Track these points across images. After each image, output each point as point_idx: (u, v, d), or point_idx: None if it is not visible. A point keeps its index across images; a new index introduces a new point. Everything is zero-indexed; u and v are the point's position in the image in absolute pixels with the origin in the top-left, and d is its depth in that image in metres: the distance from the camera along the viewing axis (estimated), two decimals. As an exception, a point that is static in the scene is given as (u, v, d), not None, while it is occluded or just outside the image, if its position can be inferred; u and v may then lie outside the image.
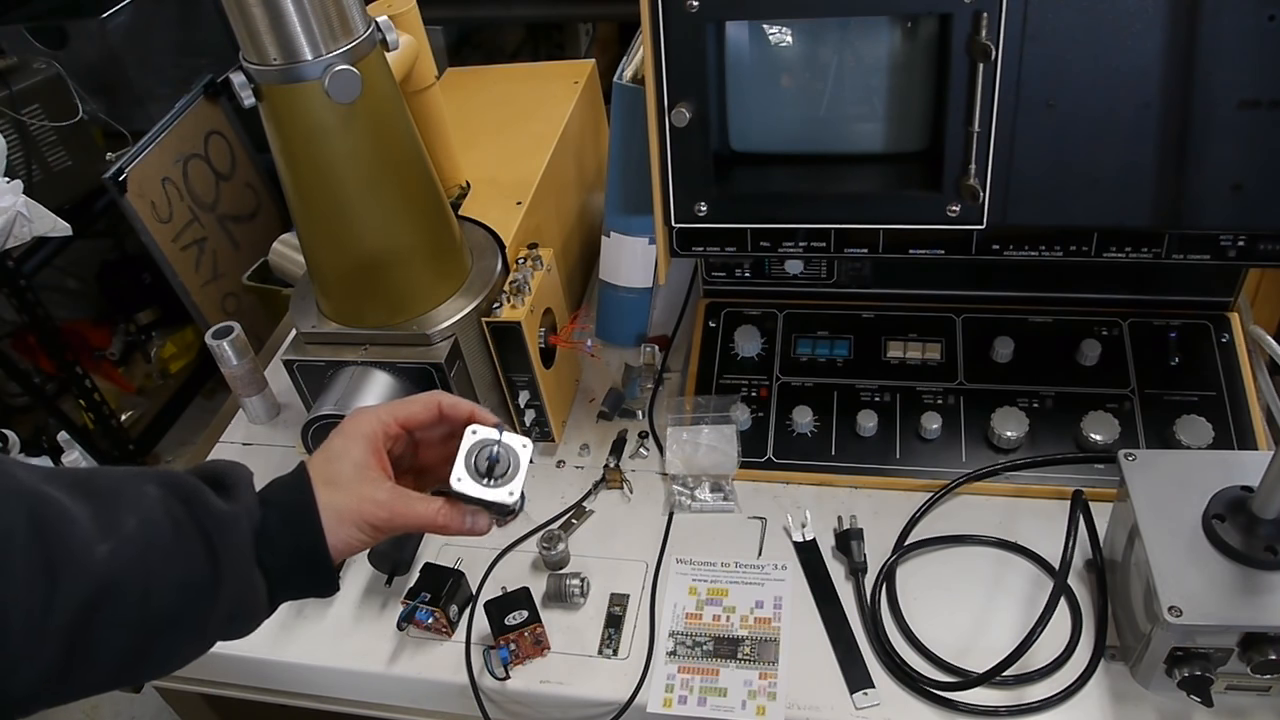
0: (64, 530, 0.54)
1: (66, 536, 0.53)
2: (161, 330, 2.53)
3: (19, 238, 1.62)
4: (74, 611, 0.53)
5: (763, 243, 0.93)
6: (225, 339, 1.12)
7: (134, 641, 0.56)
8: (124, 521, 0.56)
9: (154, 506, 0.58)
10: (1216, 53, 0.74)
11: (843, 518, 0.95)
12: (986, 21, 0.75)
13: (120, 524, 0.56)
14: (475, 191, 1.12)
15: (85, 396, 2.08)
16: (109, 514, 0.56)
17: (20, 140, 1.88)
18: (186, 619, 0.58)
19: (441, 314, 0.96)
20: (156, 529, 0.57)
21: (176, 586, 0.57)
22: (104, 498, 0.57)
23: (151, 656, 0.59)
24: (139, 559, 0.56)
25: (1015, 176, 0.82)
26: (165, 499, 0.59)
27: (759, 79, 0.87)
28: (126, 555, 0.55)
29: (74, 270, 2.45)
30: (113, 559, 0.55)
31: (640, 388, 1.12)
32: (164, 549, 0.57)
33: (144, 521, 0.57)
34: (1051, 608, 0.80)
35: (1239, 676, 0.73)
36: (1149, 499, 0.77)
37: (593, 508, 1.01)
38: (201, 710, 1.12)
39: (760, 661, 0.85)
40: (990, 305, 1.06)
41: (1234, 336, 1.00)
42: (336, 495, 0.64)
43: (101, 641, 0.55)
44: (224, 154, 2.02)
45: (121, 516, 0.56)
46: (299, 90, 0.80)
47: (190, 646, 0.61)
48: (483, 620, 0.88)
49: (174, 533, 0.58)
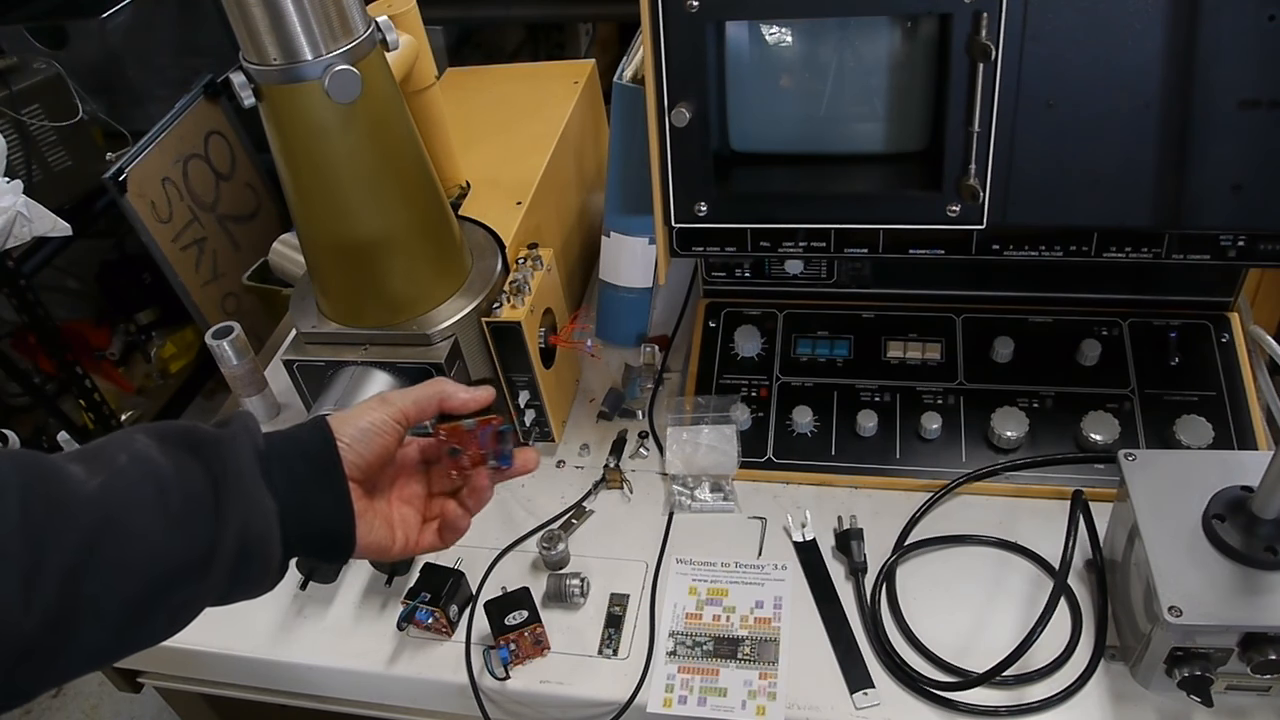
0: (55, 474, 0.52)
1: (58, 480, 0.52)
2: (161, 330, 2.53)
3: (19, 238, 1.62)
4: (70, 552, 0.50)
5: (763, 243, 0.93)
6: (225, 339, 1.12)
7: (136, 585, 0.53)
8: (115, 459, 0.54)
9: (146, 444, 0.56)
10: (1216, 53, 0.74)
11: (843, 518, 0.95)
12: (986, 21, 0.75)
13: (111, 461, 0.54)
14: (475, 191, 1.12)
15: (85, 396, 2.08)
16: (99, 458, 0.55)
17: (20, 140, 1.87)
18: (190, 552, 0.55)
19: (441, 314, 0.96)
20: (149, 462, 0.55)
21: (178, 515, 0.55)
22: (93, 450, 0.56)
23: (158, 603, 0.55)
24: (133, 490, 0.53)
25: (1015, 176, 0.82)
26: (157, 437, 0.57)
27: (759, 79, 0.87)
28: (120, 487, 0.53)
29: (74, 270, 2.45)
30: (105, 491, 0.52)
31: (640, 388, 1.12)
32: (158, 476, 0.55)
33: (135, 456, 0.55)
34: (1051, 608, 0.80)
35: (1239, 676, 0.73)
36: (1149, 499, 0.77)
37: (593, 508, 1.01)
38: (201, 710, 1.12)
39: (760, 661, 0.85)
40: (990, 305, 1.06)
41: (1234, 336, 1.00)
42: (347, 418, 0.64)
43: (101, 583, 0.52)
44: (224, 154, 2.02)
45: (112, 456, 0.55)
46: (299, 90, 0.80)
47: (199, 589, 0.56)
48: (483, 620, 0.88)
49: (167, 460, 0.56)
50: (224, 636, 0.94)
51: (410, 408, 0.68)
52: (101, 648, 0.54)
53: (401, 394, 0.68)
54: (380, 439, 0.65)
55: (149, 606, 0.54)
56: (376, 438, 0.65)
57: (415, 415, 0.68)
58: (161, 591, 0.54)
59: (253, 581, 0.60)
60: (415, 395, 0.68)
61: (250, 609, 0.94)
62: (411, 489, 0.72)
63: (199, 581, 0.56)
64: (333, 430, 0.64)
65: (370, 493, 0.68)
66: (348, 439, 0.64)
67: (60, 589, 0.50)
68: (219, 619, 0.94)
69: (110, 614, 0.53)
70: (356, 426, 0.65)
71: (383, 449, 0.66)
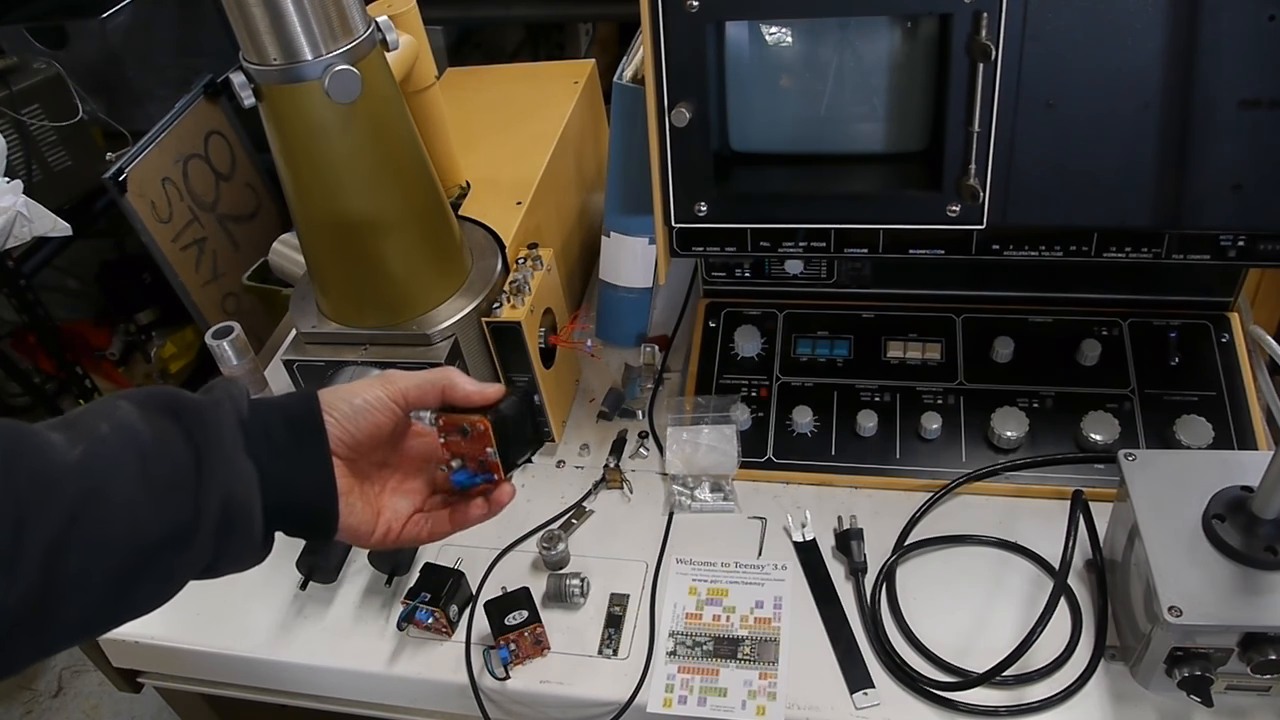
0: (36, 444, 0.51)
1: (39, 450, 0.51)
2: (161, 330, 2.52)
3: (19, 238, 1.62)
4: (52, 525, 0.49)
5: (763, 243, 0.93)
6: (225, 339, 1.11)
7: (120, 557, 0.52)
8: (97, 428, 0.54)
9: (128, 411, 0.55)
10: (1216, 53, 0.74)
11: (843, 518, 0.95)
12: (986, 21, 0.75)
13: (93, 430, 0.53)
14: (475, 191, 1.12)
15: (85, 396, 2.08)
16: (80, 426, 0.54)
17: (20, 140, 1.88)
18: (174, 522, 0.54)
19: (441, 314, 0.96)
20: (131, 429, 0.54)
21: (160, 485, 0.54)
22: (74, 417, 0.55)
23: (142, 574, 0.54)
24: (116, 460, 0.53)
25: (1015, 176, 0.82)
26: (139, 404, 0.56)
27: (759, 79, 0.87)
28: (103, 455, 0.52)
29: (74, 270, 2.45)
30: (88, 460, 0.52)
31: (640, 388, 1.12)
32: (140, 444, 0.54)
33: (117, 425, 0.54)
34: (1051, 608, 0.80)
35: (1239, 676, 0.73)
36: (1149, 499, 0.77)
37: (593, 508, 1.01)
38: (201, 710, 1.12)
39: (760, 661, 0.85)
40: (990, 305, 1.06)
41: (1234, 336, 1.00)
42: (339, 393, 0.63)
43: (85, 556, 0.51)
44: (224, 154, 2.02)
45: (94, 424, 0.54)
46: (299, 90, 0.80)
47: (185, 558, 0.56)
48: (483, 620, 0.88)
49: (149, 427, 0.55)
50: (224, 636, 0.94)
51: (412, 389, 0.66)
52: (86, 620, 0.53)
53: (405, 375, 0.67)
54: (372, 416, 0.64)
55: (133, 578, 0.54)
56: (368, 415, 0.64)
57: (415, 398, 0.66)
58: (146, 562, 0.54)
59: (236, 552, 0.59)
60: (419, 379, 0.67)
61: (250, 609, 0.95)
62: (411, 484, 0.71)
63: (184, 551, 0.55)
64: (322, 403, 0.63)
65: (360, 474, 0.66)
66: (338, 414, 0.63)
67: (43, 562, 0.49)
68: (219, 619, 0.95)
69: (95, 587, 0.52)
70: (349, 403, 0.63)
71: (374, 428, 0.64)
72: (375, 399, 0.64)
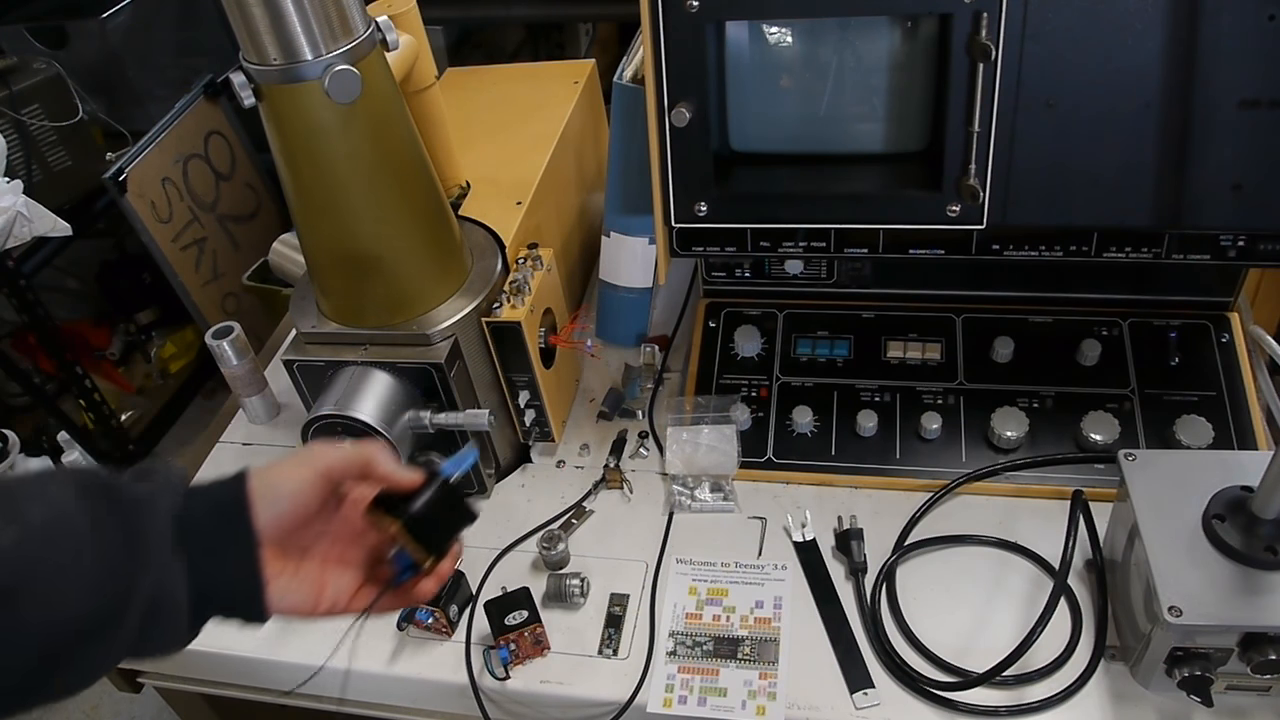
0: None
1: None
2: (161, 330, 2.53)
3: (19, 238, 1.62)
4: None
5: (763, 243, 0.93)
6: (225, 339, 1.12)
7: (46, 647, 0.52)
8: (28, 511, 0.53)
9: (63, 499, 0.55)
10: (1216, 53, 0.74)
11: (843, 518, 0.95)
12: (986, 21, 0.75)
13: (25, 514, 0.53)
14: (475, 191, 1.12)
15: (85, 396, 2.08)
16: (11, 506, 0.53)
17: (20, 140, 1.88)
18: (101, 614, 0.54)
19: (441, 314, 0.95)
20: (66, 520, 0.54)
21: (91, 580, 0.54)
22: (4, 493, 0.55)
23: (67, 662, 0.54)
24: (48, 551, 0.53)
25: (1015, 176, 0.82)
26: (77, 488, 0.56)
27: (759, 79, 0.87)
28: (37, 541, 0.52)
29: (74, 270, 2.46)
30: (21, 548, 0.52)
31: (640, 388, 1.12)
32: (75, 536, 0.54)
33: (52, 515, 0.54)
34: (1051, 608, 0.80)
35: (1239, 676, 0.73)
36: (1149, 499, 0.77)
37: (593, 508, 1.01)
38: (201, 710, 1.12)
39: (760, 661, 0.85)
40: (990, 305, 1.06)
41: (1234, 336, 1.00)
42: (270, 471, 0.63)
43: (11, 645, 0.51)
44: (224, 154, 2.02)
45: (25, 506, 0.54)
46: (299, 90, 0.80)
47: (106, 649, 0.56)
48: (483, 620, 0.88)
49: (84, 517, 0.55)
50: (224, 636, 0.93)
51: (337, 465, 0.66)
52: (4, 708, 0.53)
53: (330, 451, 0.66)
54: (299, 499, 0.64)
55: (53, 667, 0.54)
56: (295, 498, 0.64)
57: (340, 474, 0.66)
58: (69, 653, 0.54)
59: (160, 642, 0.59)
60: (344, 456, 0.66)
61: (250, 609, 0.95)
62: (352, 552, 0.69)
63: (105, 643, 0.55)
64: (250, 489, 0.62)
65: (294, 552, 0.66)
66: (265, 501, 0.62)
67: None
68: (219, 619, 0.95)
69: (16, 672, 0.52)
70: (274, 488, 0.63)
71: (302, 509, 0.64)
72: (301, 479, 0.64)
